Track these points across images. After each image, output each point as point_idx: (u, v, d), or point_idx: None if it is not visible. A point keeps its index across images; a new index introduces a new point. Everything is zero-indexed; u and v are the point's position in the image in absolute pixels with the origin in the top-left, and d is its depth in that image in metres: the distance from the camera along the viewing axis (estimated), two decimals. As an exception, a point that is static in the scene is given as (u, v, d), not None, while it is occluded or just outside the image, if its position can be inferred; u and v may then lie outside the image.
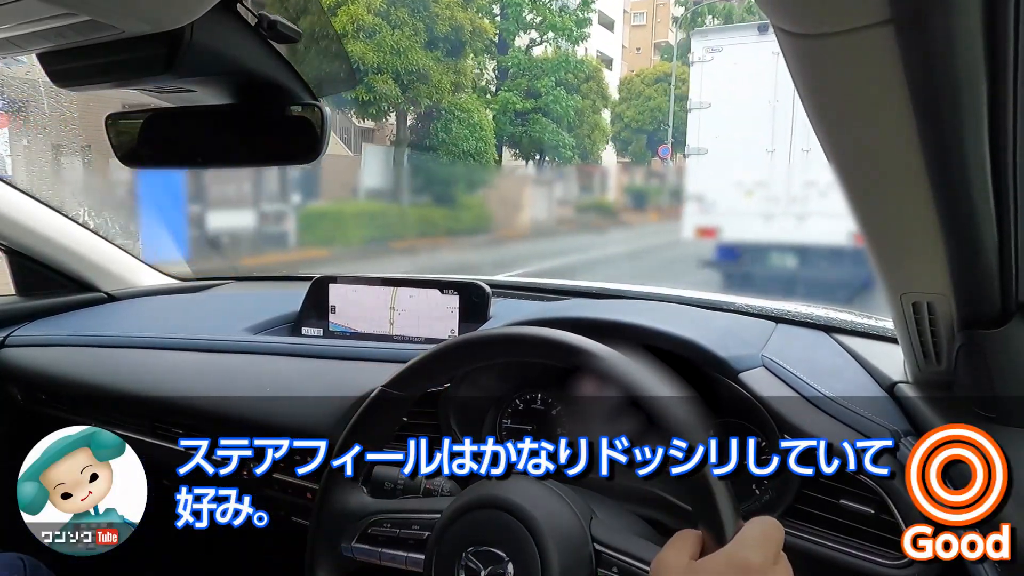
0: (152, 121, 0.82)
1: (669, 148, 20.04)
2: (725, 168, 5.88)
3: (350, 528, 0.76)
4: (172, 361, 1.23)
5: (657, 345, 0.91)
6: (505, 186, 12.07)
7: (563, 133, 15.73)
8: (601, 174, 15.90)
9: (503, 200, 11.01)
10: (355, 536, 0.76)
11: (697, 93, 6.37)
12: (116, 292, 1.56)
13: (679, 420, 0.62)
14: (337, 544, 0.75)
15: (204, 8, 0.55)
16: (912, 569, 0.72)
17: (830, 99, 0.47)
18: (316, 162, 0.76)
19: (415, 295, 1.24)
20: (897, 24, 0.39)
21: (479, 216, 10.19)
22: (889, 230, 0.61)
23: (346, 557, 0.76)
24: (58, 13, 0.51)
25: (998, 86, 0.42)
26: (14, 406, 1.36)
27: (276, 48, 0.69)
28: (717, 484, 0.60)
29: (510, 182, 12.81)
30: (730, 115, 5.93)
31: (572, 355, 0.68)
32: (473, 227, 9.90)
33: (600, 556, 0.67)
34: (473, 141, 12.86)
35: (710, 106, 6.15)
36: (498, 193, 11.32)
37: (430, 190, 10.54)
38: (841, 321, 1.06)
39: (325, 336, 1.30)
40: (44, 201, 1.42)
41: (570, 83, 16.07)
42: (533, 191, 12.17)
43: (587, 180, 14.60)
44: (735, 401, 0.87)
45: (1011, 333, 0.64)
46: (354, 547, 0.75)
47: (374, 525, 0.76)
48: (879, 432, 0.77)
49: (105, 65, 0.62)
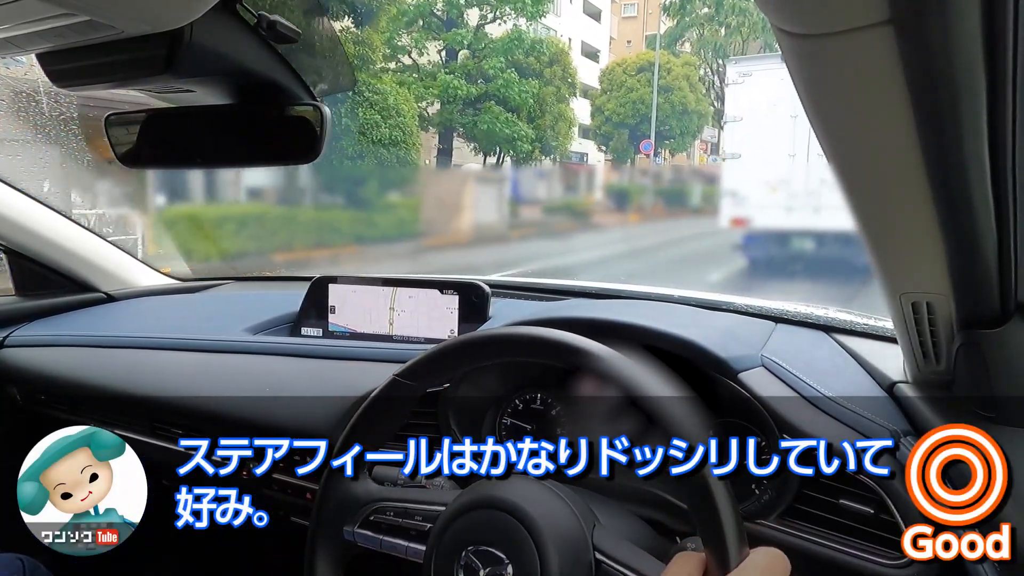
0: (152, 121, 0.82)
1: (652, 143, 18.85)
2: (754, 170, 7.19)
3: (353, 512, 0.76)
4: (172, 361, 1.23)
5: (657, 345, 0.91)
6: (439, 185, 9.99)
7: (519, 123, 13.85)
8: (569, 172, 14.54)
9: (437, 201, 9.18)
10: (357, 521, 0.76)
11: (732, 109, 8.00)
12: (115, 292, 1.56)
13: (679, 420, 0.62)
14: (339, 527, 0.76)
15: (203, 8, 0.55)
16: (912, 569, 0.72)
17: (829, 99, 0.47)
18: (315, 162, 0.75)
19: (415, 295, 1.24)
20: (897, 24, 0.39)
21: (401, 221, 8.51)
22: (888, 230, 0.61)
23: (347, 541, 0.76)
24: (58, 13, 0.51)
25: (997, 86, 0.42)
26: (14, 406, 1.36)
27: (275, 48, 0.69)
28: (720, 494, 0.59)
29: (446, 180, 10.66)
30: (758, 126, 7.37)
31: (572, 355, 0.68)
32: (392, 234, 8.23)
33: (600, 566, 0.66)
34: (386, 129, 10.48)
35: (742, 119, 7.70)
36: (431, 193, 9.29)
37: (338, 189, 8.46)
38: (841, 321, 1.06)
39: (324, 336, 1.30)
40: (44, 201, 1.42)
41: (531, 67, 14.39)
42: (479, 191, 10.18)
43: (570, 179, 13.48)
44: (735, 401, 0.87)
45: (1010, 333, 0.64)
46: (356, 532, 0.76)
47: (377, 512, 0.76)
48: (879, 432, 0.77)
49: (105, 65, 0.62)
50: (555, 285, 1.44)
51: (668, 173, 17.71)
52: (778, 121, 6.90)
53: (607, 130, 19.71)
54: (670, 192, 13.14)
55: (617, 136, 19.62)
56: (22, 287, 1.49)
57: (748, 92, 7.59)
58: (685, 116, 20.12)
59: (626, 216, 12.29)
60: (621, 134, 19.58)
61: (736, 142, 7.78)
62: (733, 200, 6.92)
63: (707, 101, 21.07)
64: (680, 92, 19.86)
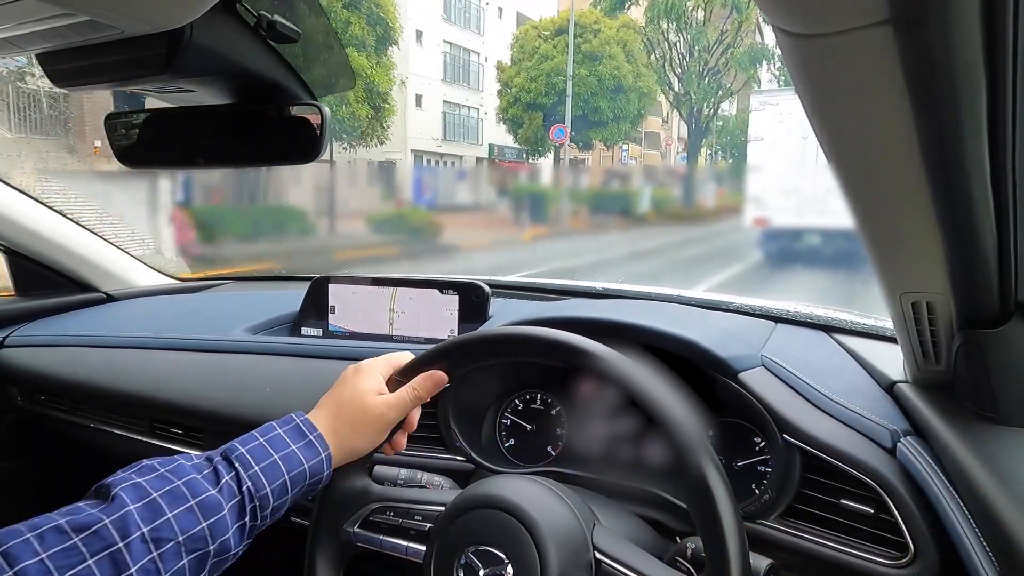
0: (152, 121, 0.82)
1: (566, 129, 14.00)
2: (772, 179, 9.10)
3: (353, 511, 0.76)
4: (172, 361, 1.23)
5: (657, 345, 0.91)
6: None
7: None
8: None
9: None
10: (358, 520, 0.76)
11: (755, 130, 10.47)
12: (115, 292, 1.56)
13: (678, 420, 0.62)
14: (339, 525, 0.76)
15: (203, 8, 0.55)
16: (912, 569, 0.72)
17: (829, 99, 0.47)
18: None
19: (414, 295, 1.24)
20: (896, 24, 0.39)
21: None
22: (888, 230, 0.61)
23: (347, 541, 0.76)
24: (58, 13, 0.51)
25: (997, 86, 0.42)
26: (13, 406, 1.36)
27: (275, 48, 0.69)
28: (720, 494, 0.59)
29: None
30: (776, 144, 9.51)
31: (572, 355, 0.68)
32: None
33: (600, 565, 0.66)
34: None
35: (763, 139, 9.99)
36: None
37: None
38: (841, 321, 1.06)
39: (324, 336, 1.30)
40: (43, 201, 1.42)
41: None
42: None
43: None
44: (735, 401, 0.87)
45: (1010, 333, 0.64)
46: (355, 532, 0.76)
47: (377, 512, 0.76)
48: (878, 432, 0.77)
49: (105, 65, 0.62)
50: (555, 285, 1.44)
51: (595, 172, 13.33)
52: (791, 141, 8.82)
53: (515, 113, 15.15)
54: (599, 196, 10.68)
55: (529, 121, 14.79)
56: (22, 287, 1.49)
57: (767, 117, 9.88)
58: (619, 95, 14.82)
59: (521, 229, 9.63)
60: (534, 117, 14.72)
61: (758, 157, 10.22)
62: (755, 204, 8.46)
63: (653, 77, 15.87)
64: (612, 62, 14.56)
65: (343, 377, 0.74)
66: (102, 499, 0.56)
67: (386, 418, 0.72)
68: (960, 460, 0.64)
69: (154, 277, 1.66)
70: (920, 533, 0.71)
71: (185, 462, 0.61)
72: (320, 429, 0.68)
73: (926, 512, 0.70)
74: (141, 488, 0.56)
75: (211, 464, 0.62)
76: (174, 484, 0.58)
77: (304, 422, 0.68)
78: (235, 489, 0.61)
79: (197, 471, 0.60)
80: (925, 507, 0.70)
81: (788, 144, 9.00)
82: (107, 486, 0.57)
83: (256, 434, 0.66)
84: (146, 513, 0.55)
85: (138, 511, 0.55)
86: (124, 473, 0.59)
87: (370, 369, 0.74)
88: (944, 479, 0.67)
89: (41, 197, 1.41)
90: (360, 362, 0.75)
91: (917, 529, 0.71)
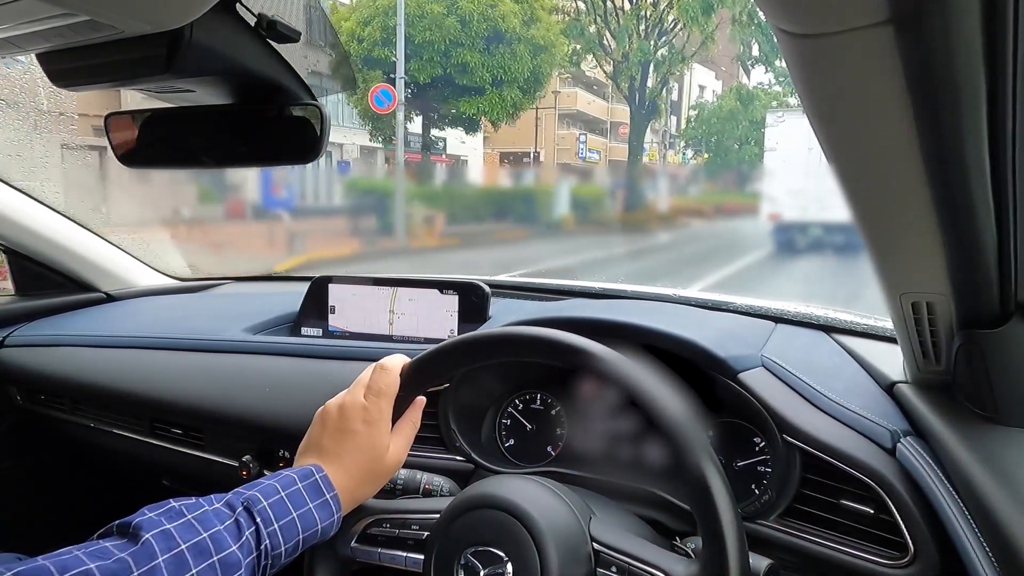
0: (152, 121, 0.82)
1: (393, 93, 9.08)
2: (784, 181, 10.68)
3: (349, 528, 0.75)
4: (172, 361, 1.23)
5: (657, 345, 0.91)
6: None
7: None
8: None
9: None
10: (354, 536, 0.76)
11: (771, 143, 12.49)
12: (115, 292, 1.56)
13: (678, 420, 0.62)
14: (337, 543, 0.75)
15: (203, 8, 0.55)
16: (912, 569, 0.72)
17: (829, 99, 0.47)
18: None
19: (414, 296, 1.24)
20: (896, 24, 0.39)
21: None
22: (888, 230, 0.61)
23: (345, 557, 0.76)
24: (58, 13, 0.51)
25: (997, 86, 0.42)
26: (13, 406, 1.36)
27: (275, 48, 0.69)
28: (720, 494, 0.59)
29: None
30: (787, 154, 11.60)
31: (572, 355, 0.68)
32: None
33: (599, 555, 0.66)
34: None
35: (776, 149, 12.15)
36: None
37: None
38: (840, 321, 1.06)
39: (324, 336, 1.30)
40: (43, 201, 1.42)
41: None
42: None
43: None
44: (735, 401, 0.87)
45: (1010, 333, 0.64)
46: (353, 547, 0.75)
47: (373, 525, 0.76)
48: (878, 432, 0.77)
49: (105, 65, 0.62)
50: (555, 285, 1.44)
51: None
52: (800, 150, 10.35)
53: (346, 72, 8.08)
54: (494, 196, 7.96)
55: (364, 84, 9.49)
56: (22, 287, 1.49)
57: (781, 131, 12.05)
58: (499, 47, 9.37)
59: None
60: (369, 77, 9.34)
61: (772, 164, 12.58)
62: (770, 203, 9.67)
63: (556, 23, 10.50)
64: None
65: (354, 429, 0.71)
66: (128, 540, 0.55)
67: (396, 468, 0.74)
68: (960, 460, 0.64)
69: (154, 277, 1.66)
70: (920, 533, 0.71)
71: (207, 506, 0.60)
72: (336, 488, 0.68)
73: (926, 512, 0.70)
74: (171, 537, 0.56)
75: (233, 514, 0.61)
76: (201, 537, 0.57)
77: (323, 479, 0.68)
78: (253, 546, 0.60)
79: (220, 521, 0.59)
80: (925, 507, 0.70)
81: (796, 153, 10.84)
82: (134, 527, 0.56)
83: (277, 485, 0.65)
84: (173, 567, 0.54)
85: (166, 564, 0.54)
86: (151, 514, 0.58)
87: (380, 415, 0.72)
88: (944, 479, 0.67)
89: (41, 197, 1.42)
90: (367, 408, 0.72)
91: (917, 529, 0.71)
